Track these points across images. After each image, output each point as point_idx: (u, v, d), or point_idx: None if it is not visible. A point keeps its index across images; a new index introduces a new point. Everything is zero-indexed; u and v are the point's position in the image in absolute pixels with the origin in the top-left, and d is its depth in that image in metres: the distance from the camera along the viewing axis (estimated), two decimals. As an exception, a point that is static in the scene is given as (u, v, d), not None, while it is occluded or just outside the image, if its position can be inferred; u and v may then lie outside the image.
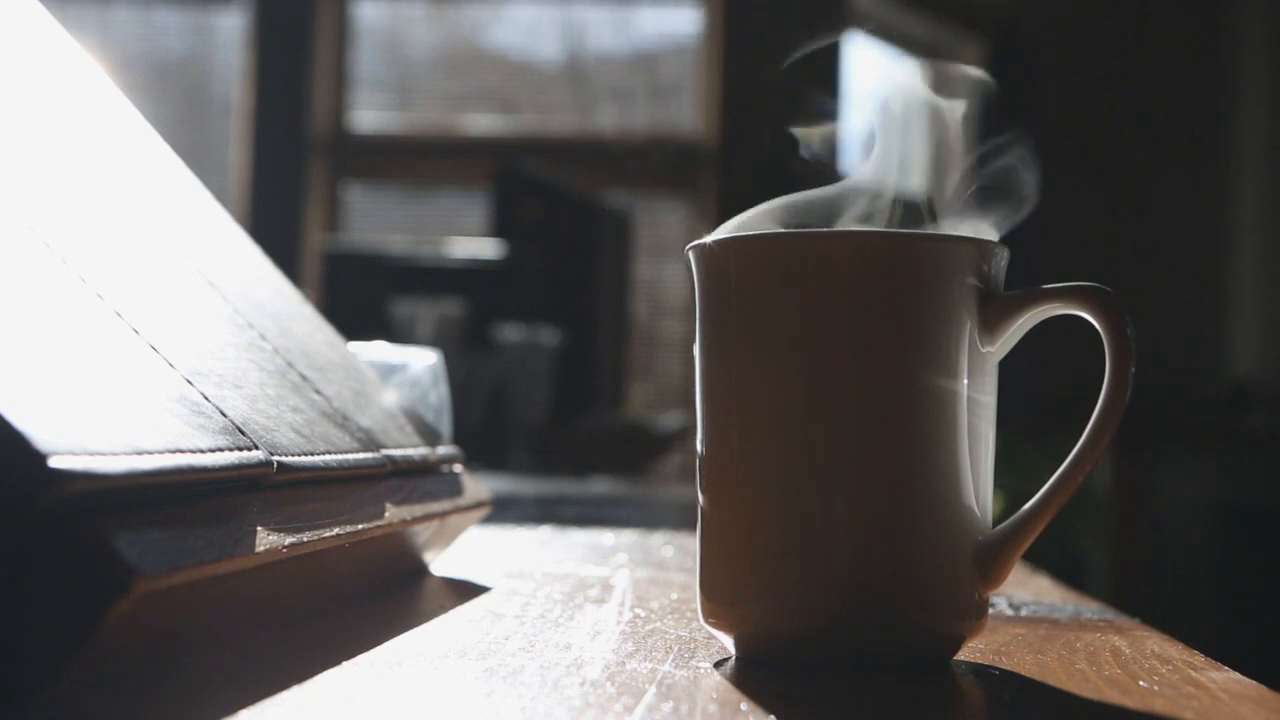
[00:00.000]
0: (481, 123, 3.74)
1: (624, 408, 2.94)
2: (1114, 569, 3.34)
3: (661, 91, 3.74)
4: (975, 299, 0.42)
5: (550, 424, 2.11)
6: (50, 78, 0.55)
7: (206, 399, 0.41)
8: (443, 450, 0.65)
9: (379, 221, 3.78)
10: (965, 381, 0.41)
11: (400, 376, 0.69)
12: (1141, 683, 0.40)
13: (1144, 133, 3.70)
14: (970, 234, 0.43)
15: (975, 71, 0.46)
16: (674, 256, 3.57)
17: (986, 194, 0.44)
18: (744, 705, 0.36)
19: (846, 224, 0.45)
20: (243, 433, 0.41)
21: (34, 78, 0.53)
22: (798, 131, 0.47)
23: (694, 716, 0.34)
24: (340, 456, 0.49)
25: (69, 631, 0.30)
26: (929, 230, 0.45)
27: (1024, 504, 0.43)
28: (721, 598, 0.43)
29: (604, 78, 3.76)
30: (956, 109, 0.46)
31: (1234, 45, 3.72)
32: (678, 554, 0.74)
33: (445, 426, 0.71)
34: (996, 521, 0.43)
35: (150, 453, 0.34)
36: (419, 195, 3.80)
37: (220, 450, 0.38)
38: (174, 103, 3.73)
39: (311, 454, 0.46)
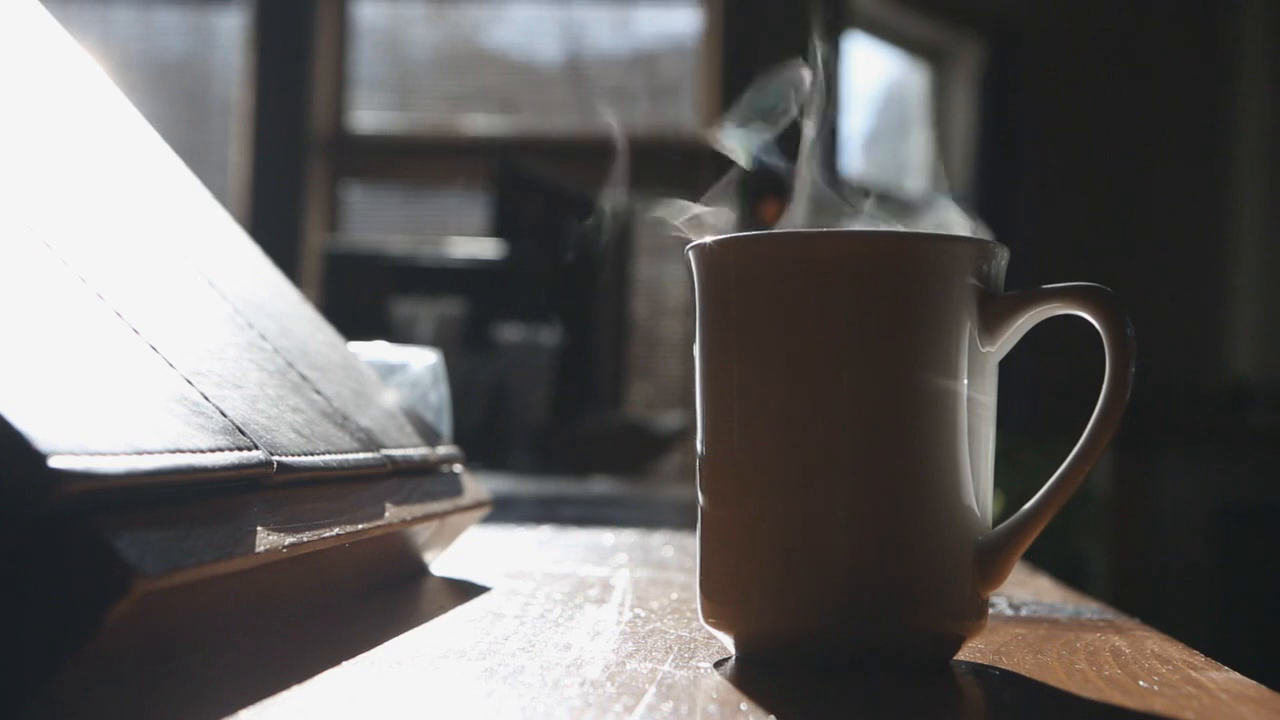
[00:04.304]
0: (481, 123, 3.74)
1: (624, 408, 2.94)
2: (1114, 569, 3.34)
3: (661, 91, 3.74)
4: (975, 299, 0.42)
5: (550, 424, 2.11)
6: (50, 78, 0.55)
7: (206, 399, 0.41)
8: (443, 450, 0.65)
9: (379, 221, 3.78)
10: (965, 381, 0.41)
11: (400, 376, 0.69)
12: (1141, 683, 0.40)
13: (1144, 132, 3.70)
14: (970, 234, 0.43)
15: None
16: (674, 256, 3.57)
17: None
18: (744, 705, 0.36)
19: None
20: (243, 433, 0.41)
21: (34, 78, 0.53)
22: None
23: (694, 716, 0.34)
24: (340, 456, 0.49)
25: (69, 631, 0.30)
26: (929, 230, 0.45)
27: (1024, 504, 0.43)
28: (721, 598, 0.43)
29: (604, 78, 3.76)
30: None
31: (1234, 44, 3.72)
32: (678, 554, 0.74)
33: (445, 426, 0.71)
34: (996, 521, 0.43)
35: (150, 453, 0.34)
36: (419, 195, 3.80)
37: (220, 450, 0.38)
38: (174, 103, 3.73)
39: (311, 454, 0.46)
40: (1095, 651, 0.45)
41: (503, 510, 0.97)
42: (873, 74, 3.93)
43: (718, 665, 0.41)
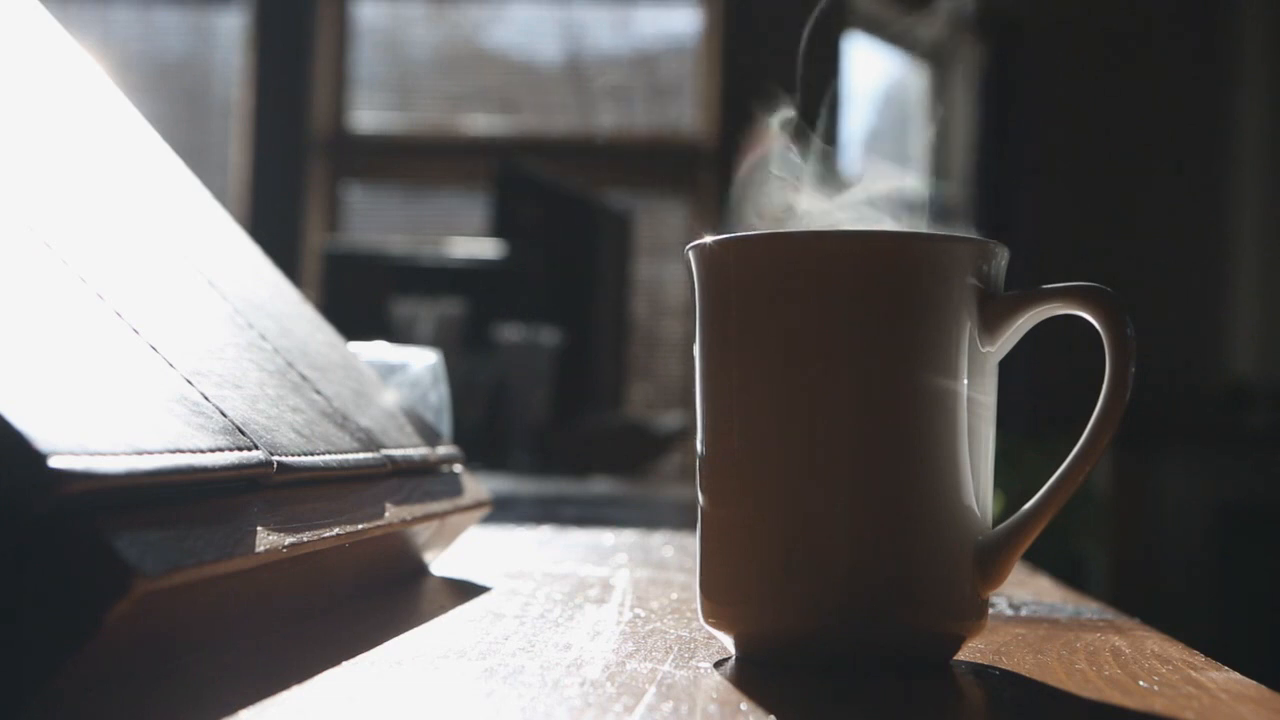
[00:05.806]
0: (481, 123, 3.74)
1: (624, 408, 2.94)
2: (1114, 569, 3.34)
3: (661, 92, 3.74)
4: (975, 299, 0.42)
5: (550, 424, 2.11)
6: (50, 78, 0.55)
7: (206, 399, 0.41)
8: (443, 450, 0.65)
9: (379, 221, 3.78)
10: (965, 381, 0.41)
11: (400, 376, 0.69)
12: (1141, 683, 0.40)
13: (1144, 132, 3.70)
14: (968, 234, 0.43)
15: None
16: (674, 256, 3.57)
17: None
18: (744, 705, 0.36)
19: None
20: (243, 433, 0.41)
21: (34, 78, 0.53)
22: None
23: (694, 716, 0.34)
24: (340, 456, 0.49)
25: (69, 631, 0.30)
26: (929, 230, 0.45)
27: (1024, 504, 0.43)
28: (721, 598, 0.43)
29: (604, 78, 3.76)
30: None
31: (1234, 46, 3.72)
32: (678, 554, 0.74)
33: (445, 426, 0.71)
34: (996, 521, 0.43)
35: (150, 453, 0.34)
36: (419, 195, 3.80)
37: (220, 450, 0.38)
38: (174, 103, 3.73)
39: (311, 454, 0.46)
40: (1095, 651, 0.45)
41: (503, 510, 0.97)
42: (873, 74, 3.93)
43: (718, 665, 0.41)
